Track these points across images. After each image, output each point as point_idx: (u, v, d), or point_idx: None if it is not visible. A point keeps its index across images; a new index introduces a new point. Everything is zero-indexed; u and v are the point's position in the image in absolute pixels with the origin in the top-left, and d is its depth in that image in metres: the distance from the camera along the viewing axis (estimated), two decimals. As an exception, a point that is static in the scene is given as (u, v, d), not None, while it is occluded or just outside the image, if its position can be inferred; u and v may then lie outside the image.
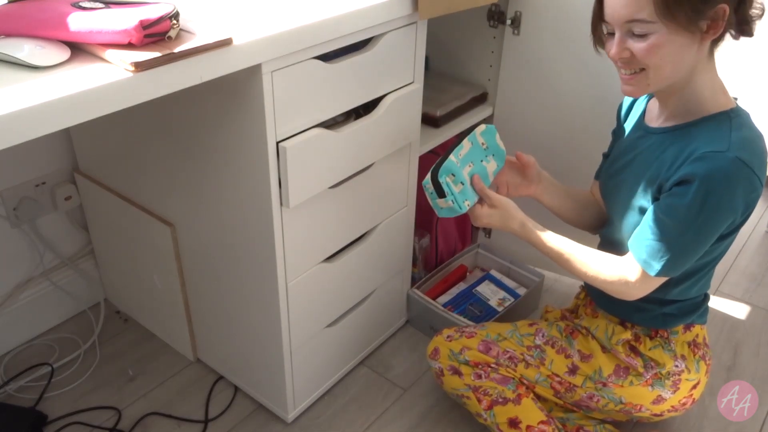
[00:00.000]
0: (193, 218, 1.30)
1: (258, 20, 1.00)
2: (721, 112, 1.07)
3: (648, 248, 1.09)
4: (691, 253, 1.08)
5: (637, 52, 1.02)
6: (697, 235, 1.06)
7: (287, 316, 1.26)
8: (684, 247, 1.07)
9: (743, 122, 1.06)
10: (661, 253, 1.08)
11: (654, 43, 1.00)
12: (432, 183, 1.19)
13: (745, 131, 1.04)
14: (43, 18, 0.84)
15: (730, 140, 1.02)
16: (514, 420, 1.27)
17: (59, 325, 1.65)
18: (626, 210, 1.17)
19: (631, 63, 1.04)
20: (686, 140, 1.08)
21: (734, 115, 1.06)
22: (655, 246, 1.08)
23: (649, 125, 1.18)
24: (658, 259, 1.08)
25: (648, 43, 1.00)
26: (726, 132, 1.03)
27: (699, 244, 1.07)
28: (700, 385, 1.26)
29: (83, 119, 0.77)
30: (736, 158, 1.00)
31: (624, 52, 1.03)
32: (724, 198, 1.02)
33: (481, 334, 1.35)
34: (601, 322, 1.29)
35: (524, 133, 1.63)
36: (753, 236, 2.10)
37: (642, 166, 1.15)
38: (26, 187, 1.47)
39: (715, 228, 1.06)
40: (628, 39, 1.02)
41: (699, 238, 1.06)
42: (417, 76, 1.32)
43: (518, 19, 1.51)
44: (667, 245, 1.07)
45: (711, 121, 1.07)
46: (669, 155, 1.09)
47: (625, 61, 1.04)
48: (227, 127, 1.10)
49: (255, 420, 1.43)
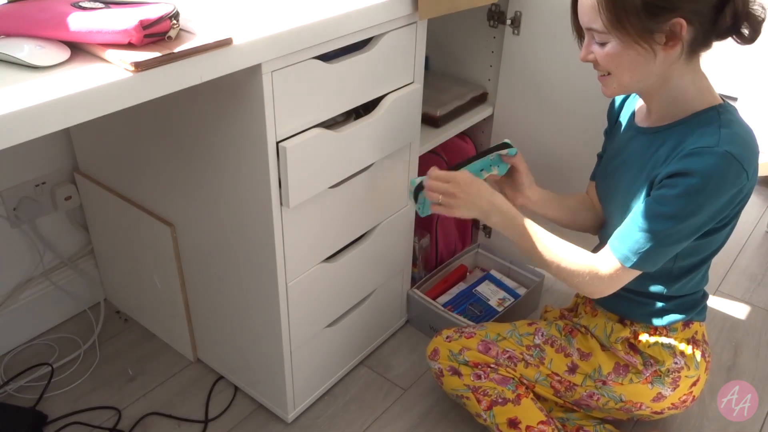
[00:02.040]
0: (193, 218, 1.30)
1: (258, 20, 1.00)
2: (709, 107, 1.08)
3: (628, 240, 1.10)
4: (671, 245, 1.08)
5: (598, 57, 1.07)
6: (681, 225, 1.05)
7: (287, 316, 1.26)
8: (665, 238, 1.07)
9: (732, 118, 1.07)
10: (640, 244, 1.08)
11: (609, 52, 1.05)
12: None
13: (735, 126, 1.05)
14: (43, 18, 0.84)
15: (720, 135, 1.03)
16: (514, 420, 1.27)
17: (59, 325, 1.65)
18: (622, 210, 1.17)
19: (597, 66, 1.09)
20: (677, 138, 1.08)
21: (722, 111, 1.07)
22: (636, 237, 1.08)
23: (639, 125, 1.19)
24: (635, 251, 1.09)
25: (605, 51, 1.05)
26: (715, 128, 1.04)
27: (681, 237, 1.07)
28: (699, 382, 1.26)
29: (83, 119, 0.77)
30: (726, 152, 1.01)
31: (589, 55, 1.09)
32: (713, 192, 1.02)
33: (481, 335, 1.35)
34: (600, 320, 1.29)
35: (524, 133, 1.63)
36: (753, 236, 2.10)
37: (635, 167, 1.16)
38: (26, 187, 1.48)
39: (701, 221, 1.05)
40: (593, 44, 1.07)
41: (682, 230, 1.06)
42: (417, 76, 1.32)
43: (518, 19, 1.51)
44: (648, 236, 1.07)
45: (700, 118, 1.08)
46: (661, 153, 1.10)
47: (593, 64, 1.10)
48: (227, 127, 1.10)
49: (255, 420, 1.43)
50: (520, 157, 1.34)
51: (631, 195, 1.16)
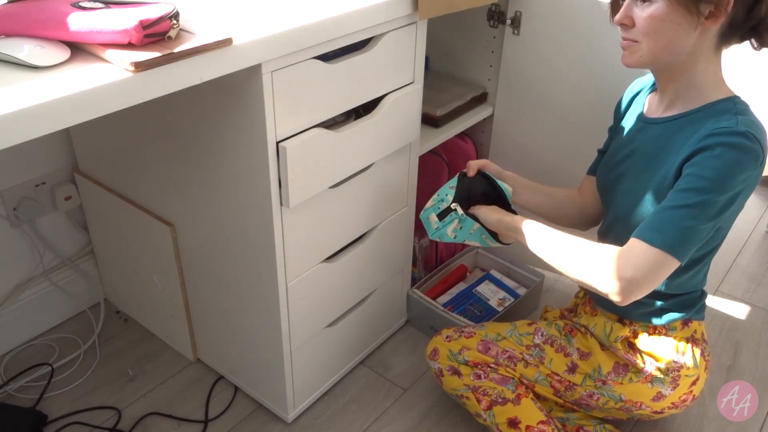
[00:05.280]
0: (193, 218, 1.30)
1: (258, 20, 1.00)
2: (725, 98, 1.08)
3: (662, 227, 1.03)
4: (704, 223, 1.02)
5: (637, 20, 1.05)
6: (712, 201, 1.01)
7: (287, 316, 1.26)
8: (697, 216, 1.01)
9: (747, 109, 1.08)
10: (675, 226, 1.02)
11: (653, 13, 1.03)
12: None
13: (750, 116, 1.06)
14: (43, 18, 0.84)
15: (738, 120, 1.03)
16: (514, 420, 1.27)
17: (59, 325, 1.65)
18: (629, 199, 1.17)
19: (630, 32, 1.08)
20: (693, 126, 1.08)
21: (737, 102, 1.08)
22: (670, 222, 1.03)
23: (649, 117, 1.19)
24: (673, 236, 1.02)
25: (649, 11, 1.03)
26: (732, 114, 1.05)
27: (711, 215, 1.02)
28: (699, 381, 1.26)
29: (83, 119, 0.77)
30: (747, 131, 1.01)
31: (626, 18, 1.07)
32: (737, 165, 1.01)
33: (480, 334, 1.35)
34: (600, 319, 1.29)
35: (524, 133, 1.63)
36: (753, 236, 2.10)
37: (646, 156, 1.16)
38: (26, 187, 1.48)
39: (726, 198, 1.02)
40: (634, 7, 1.05)
41: (713, 207, 1.02)
42: (417, 76, 1.32)
43: (518, 19, 1.51)
44: (681, 216, 1.02)
45: (715, 108, 1.08)
46: (677, 141, 1.10)
47: (625, 28, 1.08)
48: (227, 127, 1.10)
49: (255, 420, 1.43)
50: (469, 162, 1.35)
51: (638, 183, 1.15)
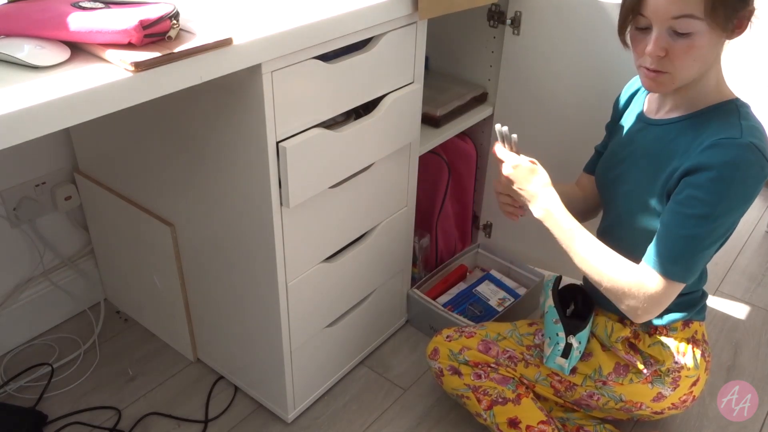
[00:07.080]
0: (193, 218, 1.30)
1: (258, 20, 1.00)
2: (728, 101, 1.08)
3: (666, 253, 1.05)
4: (708, 248, 1.05)
5: (674, 52, 1.00)
6: (716, 224, 1.02)
7: (287, 316, 1.26)
8: (702, 241, 1.03)
9: (749, 112, 1.07)
10: (680, 252, 1.04)
11: (694, 45, 0.99)
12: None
13: (752, 120, 1.06)
14: (43, 18, 0.84)
15: (742, 127, 1.02)
16: (514, 420, 1.27)
17: (59, 325, 1.65)
18: (629, 202, 1.17)
19: (661, 63, 1.02)
20: (696, 130, 1.07)
21: (740, 104, 1.07)
22: (674, 247, 1.05)
23: (649, 117, 1.18)
24: (677, 262, 1.04)
25: (689, 42, 0.98)
26: (735, 120, 1.04)
27: (717, 236, 1.04)
28: (700, 381, 1.26)
29: (83, 119, 0.77)
30: (751, 143, 1.00)
31: (661, 51, 1.01)
32: (741, 184, 1.00)
33: (481, 334, 1.35)
34: (600, 320, 1.29)
35: (524, 133, 1.62)
36: (753, 236, 2.10)
37: (646, 158, 1.15)
38: (26, 187, 1.48)
39: (732, 218, 1.03)
40: (667, 37, 1.00)
41: (717, 229, 1.03)
42: (417, 76, 1.32)
43: (518, 19, 1.51)
44: (685, 243, 1.04)
45: (719, 110, 1.07)
46: (679, 145, 1.09)
47: (657, 59, 1.02)
48: (227, 127, 1.10)
49: (255, 420, 1.43)
50: None
51: (638, 185, 1.15)
